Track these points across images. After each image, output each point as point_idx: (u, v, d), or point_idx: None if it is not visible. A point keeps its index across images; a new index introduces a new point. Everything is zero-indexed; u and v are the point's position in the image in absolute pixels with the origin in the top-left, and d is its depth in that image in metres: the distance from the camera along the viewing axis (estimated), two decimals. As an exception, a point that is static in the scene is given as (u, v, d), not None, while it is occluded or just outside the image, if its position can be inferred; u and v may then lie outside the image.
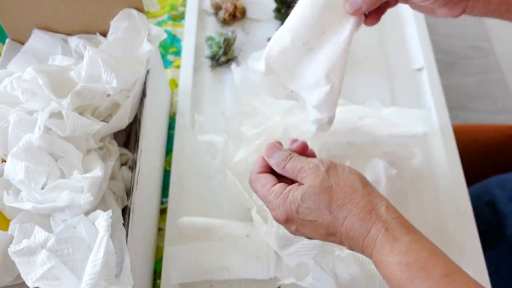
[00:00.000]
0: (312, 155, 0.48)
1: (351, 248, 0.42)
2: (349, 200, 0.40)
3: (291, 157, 0.45)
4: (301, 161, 0.44)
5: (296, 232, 0.44)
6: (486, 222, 0.68)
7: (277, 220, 0.44)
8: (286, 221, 0.43)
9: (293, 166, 0.44)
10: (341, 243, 0.42)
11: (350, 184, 0.41)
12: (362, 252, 0.40)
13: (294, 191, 0.42)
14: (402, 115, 0.63)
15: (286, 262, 0.52)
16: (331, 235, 0.42)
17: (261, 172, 0.47)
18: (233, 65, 0.68)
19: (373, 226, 0.39)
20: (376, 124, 0.59)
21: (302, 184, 0.43)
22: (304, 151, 0.48)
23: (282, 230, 0.52)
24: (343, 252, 0.52)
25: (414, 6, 0.48)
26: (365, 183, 0.42)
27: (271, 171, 0.47)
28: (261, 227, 0.52)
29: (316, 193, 0.41)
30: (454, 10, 0.45)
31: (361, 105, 0.65)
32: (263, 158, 0.47)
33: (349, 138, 0.59)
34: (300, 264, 0.52)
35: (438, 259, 0.37)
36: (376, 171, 0.58)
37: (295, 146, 0.48)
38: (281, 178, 0.46)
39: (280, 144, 0.49)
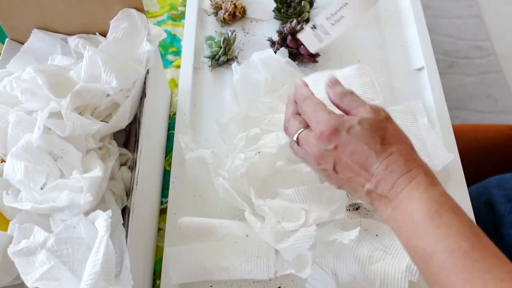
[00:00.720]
0: None
1: (374, 187, 0.42)
2: (400, 143, 0.42)
3: (351, 92, 0.46)
4: (361, 99, 0.46)
5: (331, 152, 0.43)
6: (484, 222, 0.68)
7: (321, 132, 0.43)
8: (332, 133, 0.43)
9: (353, 100, 0.45)
10: (366, 181, 0.42)
11: (402, 136, 0.43)
12: (388, 191, 0.41)
13: (351, 115, 0.44)
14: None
15: (285, 256, 0.52)
16: (362, 168, 0.42)
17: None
18: (234, 64, 0.68)
19: (415, 168, 0.41)
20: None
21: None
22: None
23: (278, 226, 0.53)
24: (344, 239, 0.51)
25: None
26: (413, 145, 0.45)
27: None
28: (256, 225, 0.52)
29: (373, 124, 0.42)
30: None
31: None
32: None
33: None
34: (298, 256, 0.52)
35: (461, 211, 0.39)
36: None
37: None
38: None
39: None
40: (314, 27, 0.49)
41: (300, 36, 0.50)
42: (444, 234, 0.36)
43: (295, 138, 0.47)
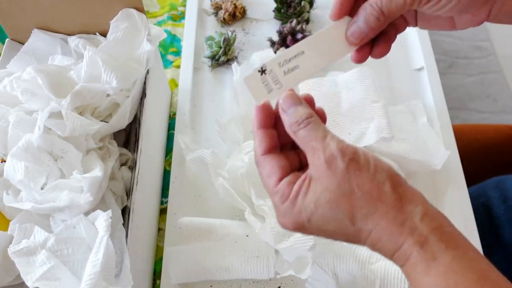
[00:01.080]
0: (321, 112, 0.39)
1: (375, 251, 0.35)
2: (376, 209, 0.33)
3: (309, 123, 0.35)
4: (318, 136, 0.35)
5: (310, 234, 0.37)
6: (481, 223, 0.68)
7: (284, 227, 0.37)
8: (296, 230, 0.36)
9: (307, 138, 0.35)
10: (364, 245, 0.35)
11: (377, 187, 0.33)
12: (390, 260, 0.34)
13: (303, 196, 0.34)
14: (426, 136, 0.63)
15: (285, 257, 0.52)
16: (352, 241, 0.35)
17: (265, 151, 0.37)
18: (234, 64, 0.68)
19: (405, 242, 0.32)
20: (404, 149, 0.60)
21: (311, 175, 0.34)
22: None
23: (278, 226, 0.53)
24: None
25: (427, 24, 0.42)
26: (395, 183, 0.33)
27: (276, 143, 0.38)
28: (256, 225, 0.53)
29: (333, 200, 0.33)
30: (478, 16, 0.38)
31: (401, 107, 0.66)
32: (266, 128, 0.38)
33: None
34: (298, 257, 0.52)
35: (487, 283, 0.30)
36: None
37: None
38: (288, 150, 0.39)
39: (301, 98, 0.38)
40: (263, 71, 0.38)
41: (245, 80, 0.38)
42: None
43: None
